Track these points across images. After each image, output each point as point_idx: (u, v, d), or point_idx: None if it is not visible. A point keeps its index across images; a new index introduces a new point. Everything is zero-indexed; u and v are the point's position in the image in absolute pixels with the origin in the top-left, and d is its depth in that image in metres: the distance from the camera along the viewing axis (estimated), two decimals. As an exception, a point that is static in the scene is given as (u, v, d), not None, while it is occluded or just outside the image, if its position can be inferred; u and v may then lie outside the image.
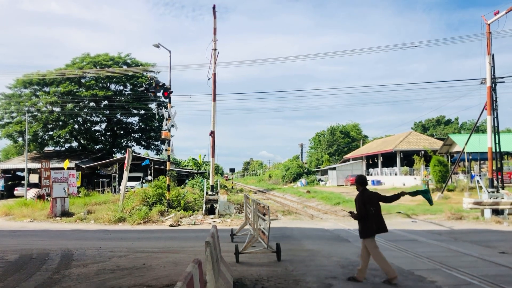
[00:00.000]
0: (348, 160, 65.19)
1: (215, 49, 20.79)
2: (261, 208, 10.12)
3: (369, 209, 7.65)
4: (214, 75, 20.89)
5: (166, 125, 21.29)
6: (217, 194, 21.24)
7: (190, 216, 19.99)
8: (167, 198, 21.03)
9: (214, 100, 21.02)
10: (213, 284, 5.90)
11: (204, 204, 20.76)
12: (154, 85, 20.83)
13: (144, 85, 21.24)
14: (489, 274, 8.24)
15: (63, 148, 50.96)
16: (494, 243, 11.98)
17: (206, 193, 21.33)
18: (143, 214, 19.04)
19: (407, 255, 10.46)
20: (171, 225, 17.87)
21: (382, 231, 7.74)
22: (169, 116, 21.23)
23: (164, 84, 21.25)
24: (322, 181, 63.86)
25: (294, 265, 9.30)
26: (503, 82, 25.82)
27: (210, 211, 20.57)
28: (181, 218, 19.19)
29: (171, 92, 21.65)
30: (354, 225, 17.19)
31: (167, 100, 22.34)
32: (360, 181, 8.09)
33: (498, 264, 9.27)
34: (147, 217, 19.03)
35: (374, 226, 7.66)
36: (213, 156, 21.38)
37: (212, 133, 20.91)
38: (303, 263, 9.58)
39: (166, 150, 21.89)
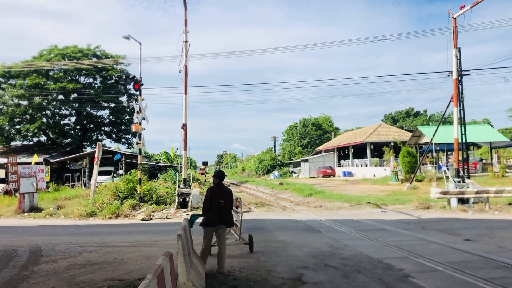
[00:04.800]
0: (320, 152, 65.95)
1: (186, 41, 20.58)
2: (234, 201, 10.16)
3: (216, 202, 7.98)
4: (186, 67, 20.70)
5: (137, 118, 21.00)
6: (190, 188, 21.14)
7: (163, 210, 19.85)
8: (138, 192, 20.80)
9: (186, 92, 20.85)
10: (185, 277, 5.91)
11: (176, 198, 20.65)
12: (124, 77, 20.50)
13: (114, 78, 20.88)
14: (454, 261, 8.53)
15: (31, 143, 49.58)
16: (460, 231, 12.37)
17: (179, 186, 21.21)
18: (114, 209, 18.79)
19: (376, 244, 10.69)
20: (143, 219, 17.71)
21: (225, 224, 8.12)
22: (139, 109, 20.95)
23: (134, 77, 20.94)
24: (294, 173, 64.45)
25: (266, 256, 9.39)
26: (469, 75, 26.54)
27: (183, 204, 20.48)
28: (153, 212, 19.05)
29: (142, 84, 21.36)
30: (325, 215, 17.50)
31: (137, 93, 22.05)
32: (217, 175, 8.47)
33: (463, 251, 9.60)
34: (118, 211, 18.78)
35: (216, 217, 7.99)
36: (185, 149, 21.25)
37: (184, 126, 20.76)
38: (275, 254, 9.69)
39: (137, 143, 21.59)
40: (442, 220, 15.23)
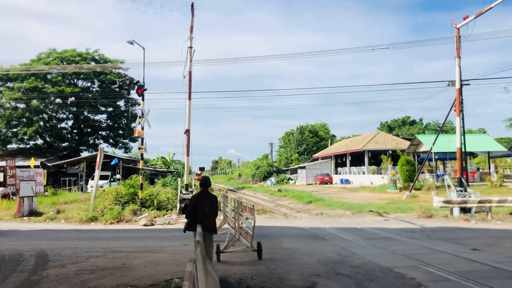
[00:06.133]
0: (317, 159, 65.99)
1: (191, 47, 20.53)
2: (244, 208, 10.15)
3: (200, 208, 8.14)
4: (190, 73, 20.65)
5: (139, 123, 20.96)
6: (192, 193, 21.05)
7: (164, 215, 19.76)
8: (140, 197, 20.71)
9: (190, 98, 20.76)
10: (204, 284, 5.86)
11: (178, 203, 20.55)
12: (128, 82, 20.48)
13: (118, 82, 20.86)
14: (464, 270, 8.54)
15: (28, 146, 49.30)
16: (465, 240, 12.39)
17: (180, 192, 21.13)
18: (115, 214, 18.67)
19: (384, 252, 10.69)
20: (145, 225, 17.63)
21: (208, 230, 8.13)
22: (142, 114, 20.91)
23: (138, 82, 20.92)
24: (291, 180, 64.39)
25: (276, 264, 9.36)
26: (469, 84, 26.70)
27: (184, 210, 20.38)
28: (155, 217, 18.95)
29: (145, 89, 21.34)
30: (328, 223, 17.48)
31: (140, 98, 21.99)
32: (202, 182, 8.70)
33: (472, 260, 9.61)
34: (120, 216, 18.65)
35: (198, 222, 8.09)
36: (188, 155, 21.14)
37: (187, 132, 20.69)
38: (284, 261, 9.66)
39: (139, 148, 21.54)
40: (446, 229, 15.25)
